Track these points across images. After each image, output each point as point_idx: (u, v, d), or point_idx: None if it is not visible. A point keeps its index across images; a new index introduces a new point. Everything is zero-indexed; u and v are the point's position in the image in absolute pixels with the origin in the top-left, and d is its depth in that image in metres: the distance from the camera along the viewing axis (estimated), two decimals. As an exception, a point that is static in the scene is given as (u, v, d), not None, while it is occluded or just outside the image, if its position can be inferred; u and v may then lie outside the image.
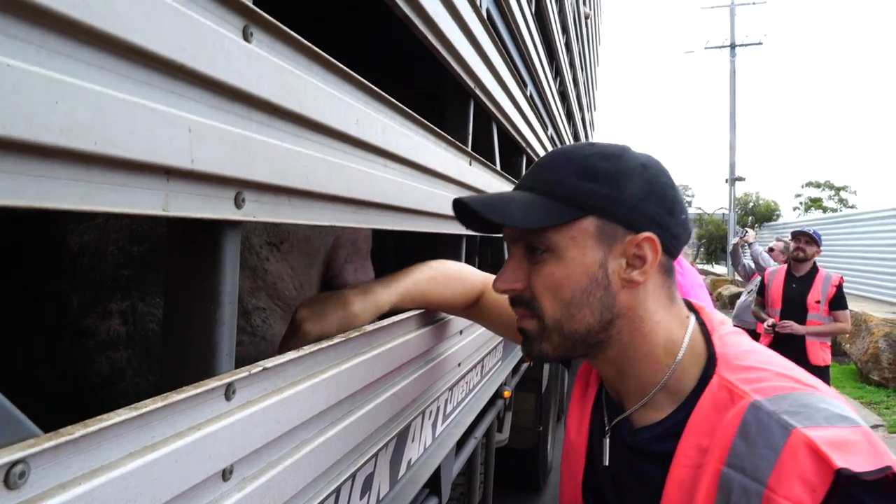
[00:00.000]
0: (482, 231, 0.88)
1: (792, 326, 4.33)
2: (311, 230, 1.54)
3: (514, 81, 2.05)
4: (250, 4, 0.59)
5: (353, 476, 0.92)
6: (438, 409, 1.47)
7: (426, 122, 1.07)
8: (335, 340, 0.82)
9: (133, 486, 0.47)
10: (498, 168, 1.96)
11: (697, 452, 0.73)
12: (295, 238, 1.45)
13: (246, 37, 0.60)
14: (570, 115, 4.85)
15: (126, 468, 0.46)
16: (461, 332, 1.52)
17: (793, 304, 4.43)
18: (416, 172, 1.05)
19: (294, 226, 1.48)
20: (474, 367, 1.81)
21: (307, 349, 0.76)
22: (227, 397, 0.61)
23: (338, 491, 0.87)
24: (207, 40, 0.53)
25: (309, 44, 0.68)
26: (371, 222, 0.90)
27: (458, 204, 0.84)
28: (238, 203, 0.61)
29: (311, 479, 0.76)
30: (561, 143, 4.05)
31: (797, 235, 4.52)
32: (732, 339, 0.81)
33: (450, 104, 1.56)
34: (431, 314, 1.24)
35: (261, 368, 0.64)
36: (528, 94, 2.51)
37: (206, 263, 0.60)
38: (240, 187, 0.61)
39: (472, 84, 1.49)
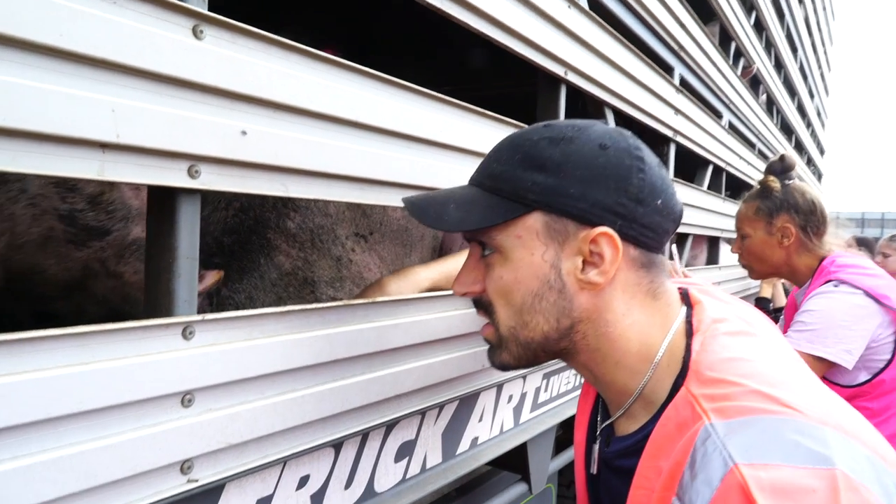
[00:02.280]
0: (444, 230, 0.81)
1: None
2: (407, 220, 1.65)
3: (644, 63, 1.95)
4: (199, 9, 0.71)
5: (363, 435, 0.99)
6: (524, 394, 1.47)
7: (450, 98, 1.11)
8: (328, 304, 0.90)
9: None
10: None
11: (655, 474, 0.65)
12: (387, 228, 1.57)
13: (196, 34, 0.72)
14: (770, 103, 4.35)
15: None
16: (553, 321, 1.50)
17: None
18: (442, 151, 1.09)
19: (386, 216, 1.60)
20: (586, 360, 1.76)
21: (293, 307, 0.85)
22: (185, 336, 0.73)
23: (339, 444, 0.95)
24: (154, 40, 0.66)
25: (265, 33, 0.78)
26: (372, 199, 0.97)
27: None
28: (192, 174, 0.73)
29: (294, 424, 0.85)
30: (752, 131, 3.66)
31: None
32: (718, 343, 0.68)
33: (540, 91, 1.55)
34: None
35: (217, 317, 0.75)
36: (678, 77, 2.35)
37: (165, 224, 0.73)
38: (192, 160, 0.72)
39: (558, 70, 1.48)
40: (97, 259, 0.93)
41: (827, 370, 1.60)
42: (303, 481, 0.92)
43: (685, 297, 0.77)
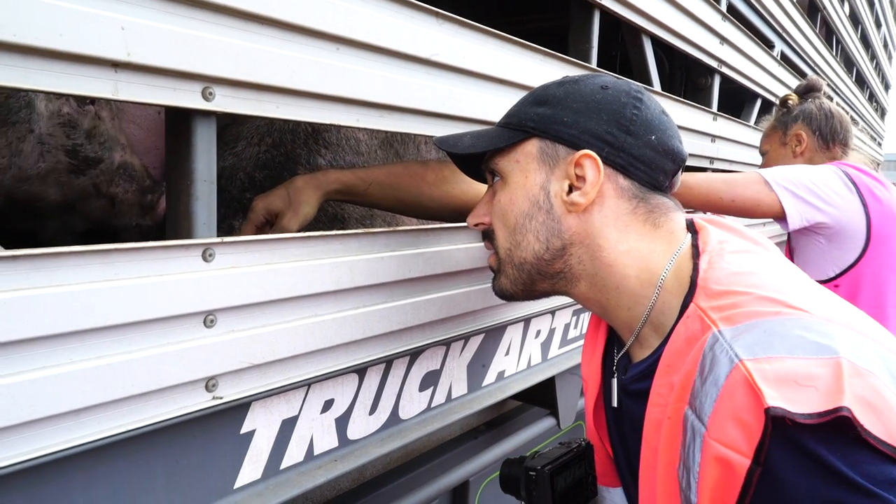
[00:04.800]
0: (470, 173, 0.92)
1: None
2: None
3: (687, -10, 1.85)
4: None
5: (387, 362, 1.01)
6: (553, 330, 1.47)
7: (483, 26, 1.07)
8: (349, 231, 0.90)
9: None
10: (658, 88, 1.81)
11: (669, 390, 0.66)
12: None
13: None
14: (829, 33, 4.09)
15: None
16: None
17: None
18: (466, 78, 1.06)
19: (420, 156, 1.59)
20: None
21: (314, 234, 0.86)
22: (205, 258, 0.74)
23: (363, 370, 0.97)
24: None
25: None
26: (394, 126, 0.95)
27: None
28: (206, 96, 0.72)
29: (316, 348, 0.86)
30: (807, 63, 3.46)
31: None
32: (724, 260, 0.69)
33: (573, 18, 1.49)
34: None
35: (237, 240, 0.76)
36: (725, 3, 2.21)
37: (183, 148, 0.74)
38: (206, 82, 0.72)
39: (591, -7, 1.41)
40: (92, 184, 1.03)
41: (773, 214, 1.51)
42: (327, 405, 0.94)
43: (690, 225, 0.78)
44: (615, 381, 0.83)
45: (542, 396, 1.49)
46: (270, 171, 1.36)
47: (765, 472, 0.52)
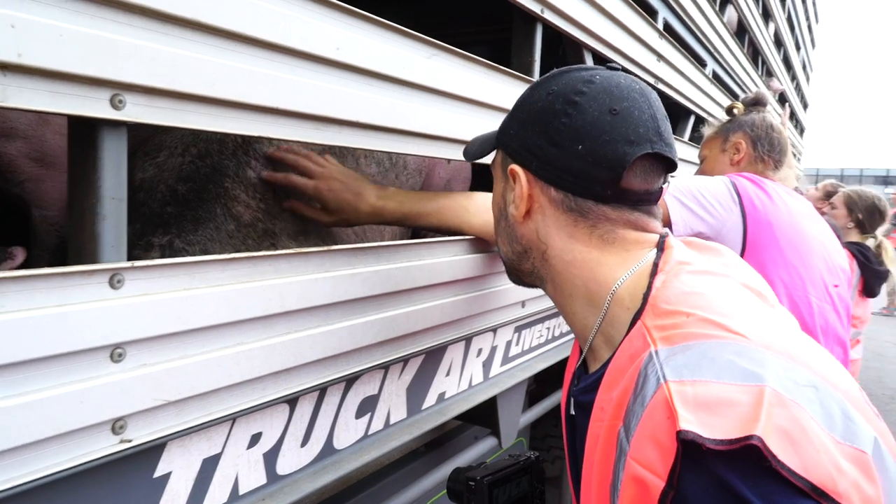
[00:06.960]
0: (465, 159, 0.95)
1: None
2: (383, 177, 1.57)
3: (626, 5, 1.86)
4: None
5: (320, 390, 0.95)
6: (494, 348, 1.44)
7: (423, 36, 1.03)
8: (278, 252, 0.84)
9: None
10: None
11: (609, 406, 0.64)
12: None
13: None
14: (756, 54, 4.27)
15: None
16: (526, 273, 1.45)
17: None
18: (405, 90, 1.01)
19: (359, 170, 1.53)
20: (557, 313, 1.72)
21: (239, 255, 0.79)
22: (113, 285, 0.66)
23: (293, 399, 0.90)
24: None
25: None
26: (328, 139, 0.90)
27: None
28: (115, 104, 0.65)
29: (241, 380, 0.79)
30: (736, 82, 3.59)
31: None
32: (679, 280, 0.66)
33: (515, 30, 1.47)
34: (462, 245, 1.21)
35: (150, 264, 0.69)
36: (662, 22, 2.26)
37: (88, 161, 0.66)
38: (115, 89, 0.65)
39: (534, 7, 1.39)
40: None
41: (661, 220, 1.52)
42: (254, 439, 0.87)
43: (661, 243, 0.75)
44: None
45: (483, 415, 1.45)
46: (194, 184, 1.27)
47: (677, 495, 0.51)
